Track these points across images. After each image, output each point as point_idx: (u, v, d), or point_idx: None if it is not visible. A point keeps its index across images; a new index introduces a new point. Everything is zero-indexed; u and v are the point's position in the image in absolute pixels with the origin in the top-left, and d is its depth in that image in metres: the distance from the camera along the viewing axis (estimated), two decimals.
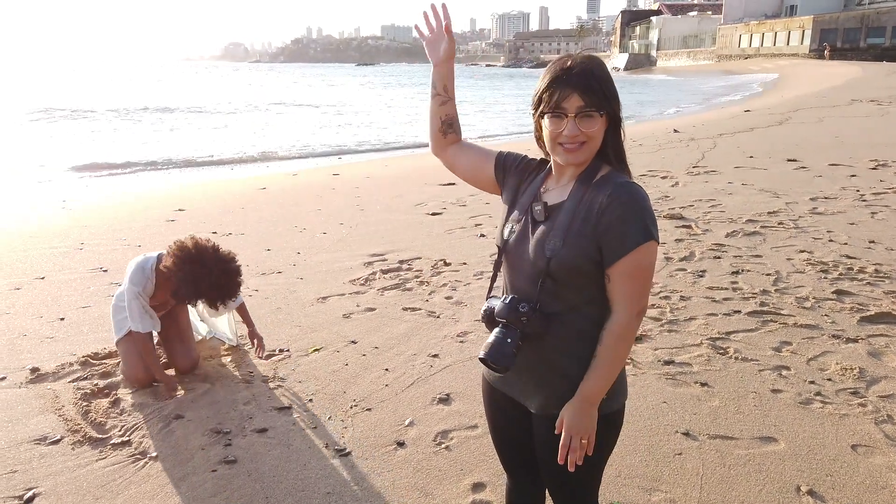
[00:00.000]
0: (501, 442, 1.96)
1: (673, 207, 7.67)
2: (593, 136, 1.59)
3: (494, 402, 1.89)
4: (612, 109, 1.61)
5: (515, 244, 1.69)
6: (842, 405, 3.36)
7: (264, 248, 6.43)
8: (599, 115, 1.58)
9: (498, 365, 1.60)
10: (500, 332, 1.62)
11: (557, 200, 1.67)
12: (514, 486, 2.02)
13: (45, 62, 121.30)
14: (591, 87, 1.56)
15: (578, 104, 1.56)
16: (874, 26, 53.85)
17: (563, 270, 1.60)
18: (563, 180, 1.70)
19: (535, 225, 1.67)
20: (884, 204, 7.69)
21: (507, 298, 1.64)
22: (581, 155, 1.61)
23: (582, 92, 1.55)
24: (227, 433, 3.19)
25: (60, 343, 4.21)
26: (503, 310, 1.63)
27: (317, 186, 10.05)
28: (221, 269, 3.40)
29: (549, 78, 1.61)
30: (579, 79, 1.56)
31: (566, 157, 1.62)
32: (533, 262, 1.64)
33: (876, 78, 31.09)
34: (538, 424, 1.77)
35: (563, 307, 1.64)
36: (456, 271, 5.59)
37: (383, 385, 3.68)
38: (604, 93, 1.58)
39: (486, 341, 1.63)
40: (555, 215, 1.65)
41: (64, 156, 14.38)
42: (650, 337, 4.20)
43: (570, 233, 1.59)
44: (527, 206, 1.72)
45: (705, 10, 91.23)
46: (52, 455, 3.02)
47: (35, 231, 7.14)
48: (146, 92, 41.61)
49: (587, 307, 1.64)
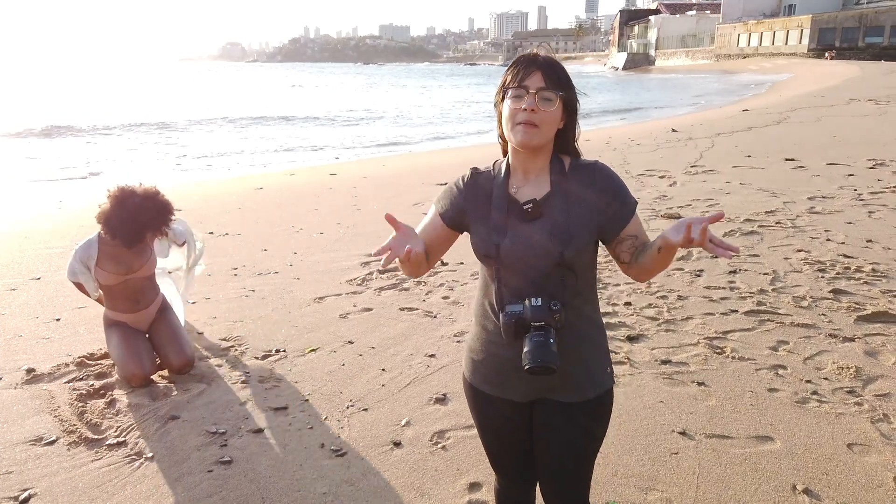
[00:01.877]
0: (497, 442, 1.94)
1: (671, 207, 7.67)
2: (547, 121, 1.64)
3: (488, 405, 1.86)
4: (569, 100, 1.68)
5: (510, 247, 1.67)
6: (838, 404, 3.36)
7: (261, 249, 6.42)
8: (557, 96, 1.64)
9: (553, 366, 1.56)
10: (538, 335, 1.58)
11: (539, 195, 1.70)
12: (507, 485, 2.02)
13: (42, 67, 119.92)
14: (553, 70, 1.66)
15: (540, 84, 1.63)
16: (872, 25, 53.94)
17: (576, 256, 1.66)
18: (530, 176, 1.72)
19: (530, 221, 1.67)
20: (881, 203, 7.70)
21: (537, 301, 1.60)
22: (535, 136, 1.63)
23: (544, 73, 1.64)
24: (222, 434, 3.19)
25: (56, 344, 4.20)
26: (538, 313, 1.59)
27: (314, 186, 10.04)
28: (144, 194, 3.70)
29: (514, 62, 1.71)
30: (544, 62, 1.67)
31: (522, 135, 1.63)
32: (543, 259, 1.64)
33: (874, 77, 31.12)
34: (558, 413, 1.76)
35: (574, 295, 1.69)
36: (453, 271, 5.59)
37: (380, 385, 3.67)
38: (564, 80, 1.67)
39: (525, 350, 1.57)
40: (548, 210, 1.67)
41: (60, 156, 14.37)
42: (647, 336, 4.20)
43: (573, 222, 1.66)
44: (503, 208, 1.70)
45: (704, 9, 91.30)
46: (47, 456, 3.01)
47: (31, 231, 7.13)
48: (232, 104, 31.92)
49: (585, 290, 1.74)
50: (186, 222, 4.23)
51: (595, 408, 1.78)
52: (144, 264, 3.81)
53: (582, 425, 1.78)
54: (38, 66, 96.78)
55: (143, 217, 3.64)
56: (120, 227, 3.59)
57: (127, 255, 3.74)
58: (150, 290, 3.92)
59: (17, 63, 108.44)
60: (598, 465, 2.87)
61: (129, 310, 3.83)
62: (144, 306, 3.86)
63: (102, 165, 13.51)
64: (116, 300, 3.81)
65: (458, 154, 14.00)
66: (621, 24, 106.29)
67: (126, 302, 3.81)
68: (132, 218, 3.59)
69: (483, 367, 1.83)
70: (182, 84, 56.53)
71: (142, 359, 3.66)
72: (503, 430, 1.89)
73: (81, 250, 3.73)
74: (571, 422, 1.76)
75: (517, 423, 1.84)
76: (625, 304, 4.73)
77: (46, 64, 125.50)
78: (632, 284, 5.12)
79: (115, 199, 3.62)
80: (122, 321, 3.84)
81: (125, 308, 3.82)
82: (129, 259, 3.74)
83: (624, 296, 4.89)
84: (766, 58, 60.44)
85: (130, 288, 3.79)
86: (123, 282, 3.76)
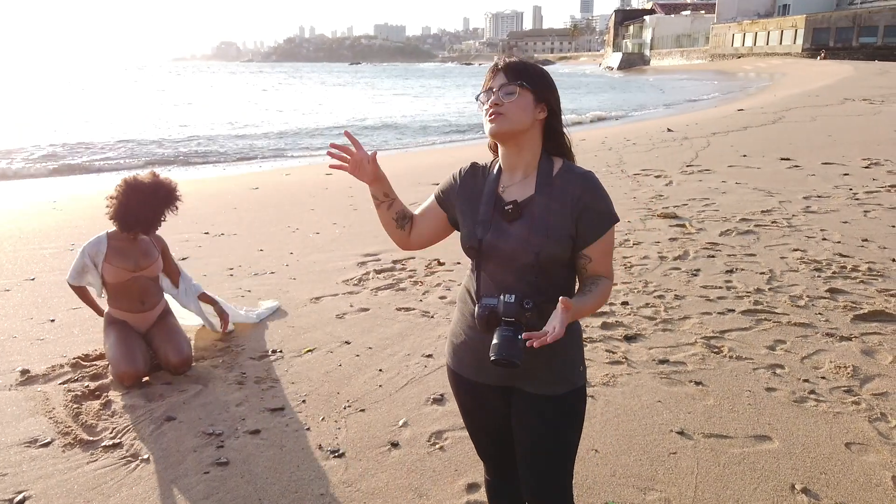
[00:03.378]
0: (477, 426, 2.00)
1: (667, 206, 7.67)
2: (512, 109, 1.70)
3: (467, 389, 1.92)
4: (538, 90, 1.73)
5: (494, 242, 1.74)
6: (835, 403, 3.37)
7: (257, 249, 6.40)
8: (519, 86, 1.71)
9: (516, 361, 1.61)
10: (508, 329, 1.63)
11: (522, 196, 1.75)
12: (494, 474, 2.08)
13: (31, 67, 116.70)
14: (515, 69, 1.74)
15: (502, 81, 1.73)
16: (866, 25, 54.06)
17: (551, 262, 1.70)
18: (518, 176, 1.78)
19: (510, 222, 1.73)
20: (876, 202, 7.72)
21: (510, 297, 1.66)
22: (501, 122, 1.70)
23: (506, 72, 1.74)
24: (219, 435, 3.17)
25: (51, 345, 4.18)
26: (509, 309, 1.64)
27: (310, 186, 10.02)
28: (151, 178, 3.82)
29: (489, 69, 1.80)
30: (507, 65, 1.75)
31: (490, 126, 1.73)
32: (520, 258, 1.71)
33: (868, 77, 31.23)
34: (529, 405, 1.81)
35: (547, 297, 1.70)
36: (450, 271, 5.58)
37: (377, 385, 3.66)
38: (528, 74, 1.73)
39: (494, 342, 1.63)
40: (528, 211, 1.72)
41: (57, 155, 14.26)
42: (644, 336, 4.20)
43: (551, 225, 1.70)
44: (491, 205, 1.77)
45: (698, 9, 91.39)
46: (42, 458, 2.99)
47: (25, 232, 7.09)
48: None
49: (562, 291, 1.74)
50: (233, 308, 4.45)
51: (565, 404, 1.81)
52: (152, 264, 3.88)
53: (550, 421, 1.81)
54: (21, 71, 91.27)
55: (161, 194, 3.78)
56: (139, 210, 3.70)
57: (135, 251, 3.82)
58: (157, 292, 3.97)
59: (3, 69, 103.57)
60: (596, 464, 2.88)
61: (135, 310, 3.86)
62: (149, 307, 3.91)
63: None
64: (122, 299, 3.84)
65: (458, 154, 13.99)
66: (616, 24, 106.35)
67: (132, 302, 3.85)
68: (149, 200, 3.73)
69: (461, 351, 1.89)
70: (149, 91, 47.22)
71: (135, 359, 3.66)
72: (481, 414, 1.96)
73: (90, 246, 3.79)
74: (540, 417, 1.81)
75: (495, 407, 1.90)
76: (622, 304, 4.72)
77: (29, 68, 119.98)
78: (629, 284, 5.12)
79: (129, 187, 3.72)
80: (124, 320, 3.86)
81: (131, 308, 3.85)
82: (136, 256, 3.82)
83: (621, 295, 4.89)
84: (760, 57, 60.57)
85: (137, 287, 3.83)
86: (131, 279, 3.80)
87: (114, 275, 3.76)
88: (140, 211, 3.71)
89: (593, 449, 3.01)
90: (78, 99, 36.20)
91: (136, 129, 20.69)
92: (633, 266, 5.57)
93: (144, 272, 3.85)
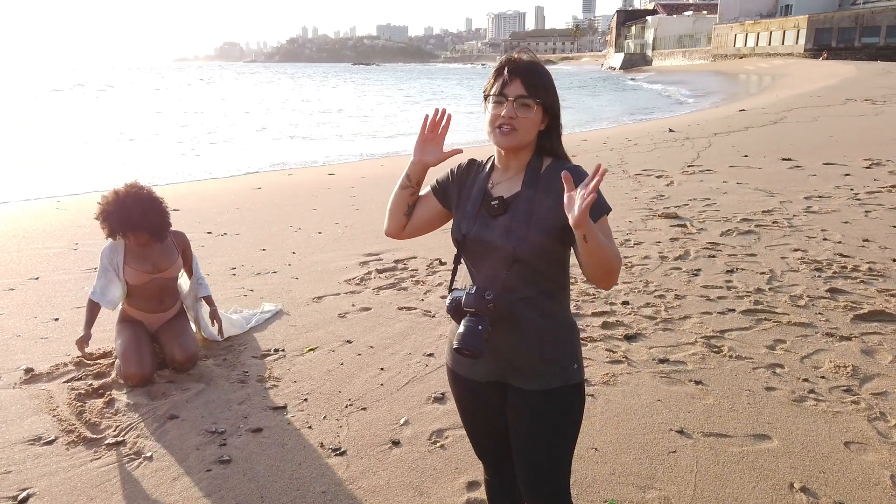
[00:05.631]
0: (471, 423, 2.02)
1: (668, 206, 7.68)
2: (525, 126, 1.71)
3: (460, 385, 1.95)
4: (549, 104, 1.74)
5: (477, 236, 1.77)
6: (835, 403, 3.38)
7: (259, 248, 6.43)
8: (535, 103, 1.71)
9: (472, 351, 1.68)
10: (470, 320, 1.70)
11: (510, 192, 1.78)
12: (492, 473, 2.09)
13: (34, 66, 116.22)
14: (532, 77, 1.72)
15: (519, 91, 1.70)
16: (868, 26, 53.99)
17: (532, 254, 1.71)
18: (509, 173, 1.81)
19: (495, 217, 1.77)
20: (878, 203, 7.72)
21: (472, 289, 1.72)
22: (513, 139, 1.72)
23: (523, 80, 1.71)
24: (221, 433, 3.19)
25: (55, 343, 4.20)
26: (470, 300, 1.71)
27: (312, 186, 10.04)
28: (143, 198, 3.71)
29: (497, 68, 1.77)
30: (524, 69, 1.73)
31: (500, 139, 1.73)
32: (502, 251, 1.73)
33: (870, 77, 31.18)
34: (523, 399, 1.83)
35: (536, 291, 1.75)
36: (451, 270, 5.59)
37: (378, 384, 3.68)
38: (544, 86, 1.73)
39: (458, 332, 1.71)
40: (514, 205, 1.75)
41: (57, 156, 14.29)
42: (645, 335, 4.22)
43: (534, 218, 1.71)
44: (479, 199, 1.81)
45: (701, 9, 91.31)
46: (46, 455, 3.01)
47: (29, 231, 7.12)
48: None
49: (553, 288, 1.79)
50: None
51: (559, 400, 1.81)
52: (171, 265, 3.88)
53: (543, 415, 1.82)
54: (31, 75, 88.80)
55: (144, 197, 3.69)
56: (129, 218, 3.61)
57: (153, 253, 3.81)
58: (175, 292, 4.01)
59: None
60: (595, 463, 2.89)
61: (154, 310, 3.89)
62: (167, 307, 3.94)
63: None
64: (142, 300, 3.86)
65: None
66: (618, 25, 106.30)
67: (152, 302, 3.87)
68: (134, 207, 3.63)
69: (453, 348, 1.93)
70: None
71: (144, 361, 3.67)
72: (473, 410, 1.98)
73: (108, 250, 3.77)
74: (534, 411, 1.82)
75: (491, 404, 1.91)
76: (622, 304, 4.74)
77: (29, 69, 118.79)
78: (630, 284, 5.14)
79: (111, 201, 3.64)
80: (139, 320, 3.89)
81: (150, 308, 3.88)
82: (155, 257, 3.81)
83: (622, 295, 4.90)
84: (762, 58, 60.50)
85: (158, 288, 3.85)
86: (151, 280, 3.81)
87: (135, 277, 3.77)
88: (129, 218, 3.63)
89: (593, 447, 3.02)
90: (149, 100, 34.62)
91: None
92: (634, 266, 5.59)
93: (163, 273, 3.84)
